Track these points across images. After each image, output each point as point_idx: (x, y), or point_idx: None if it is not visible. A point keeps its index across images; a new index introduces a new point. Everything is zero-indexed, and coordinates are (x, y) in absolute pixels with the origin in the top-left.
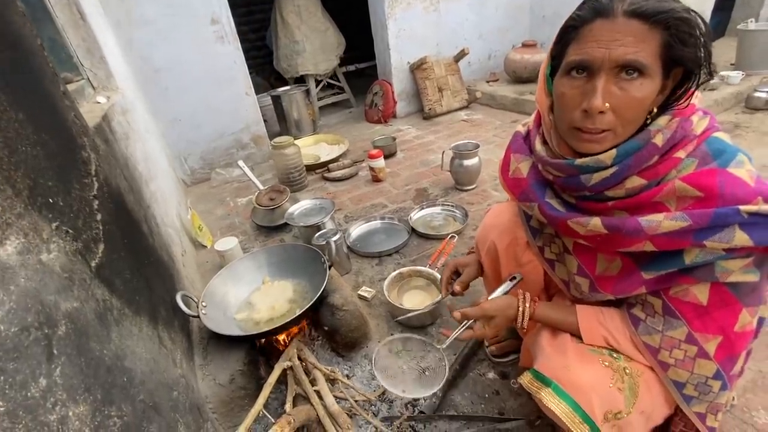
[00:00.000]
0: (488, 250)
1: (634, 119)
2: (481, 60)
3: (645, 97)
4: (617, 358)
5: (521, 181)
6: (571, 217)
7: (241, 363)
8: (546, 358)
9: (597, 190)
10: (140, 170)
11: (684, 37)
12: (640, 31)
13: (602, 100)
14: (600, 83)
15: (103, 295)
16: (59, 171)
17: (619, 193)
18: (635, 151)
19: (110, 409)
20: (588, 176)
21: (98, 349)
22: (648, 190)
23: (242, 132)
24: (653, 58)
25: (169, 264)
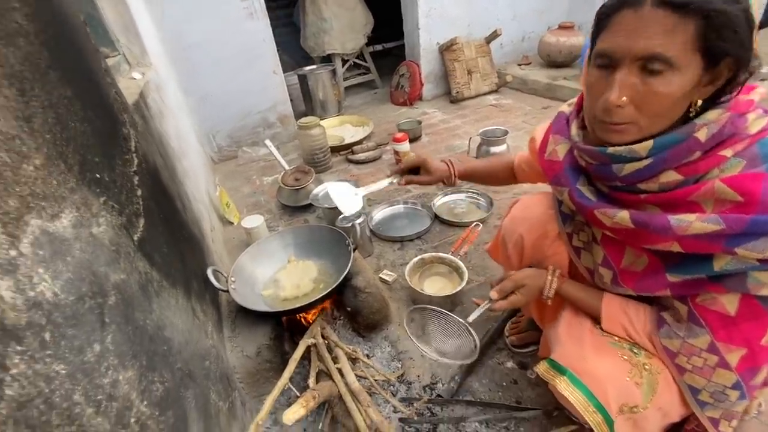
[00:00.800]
0: (515, 243)
1: (659, 113)
2: (513, 42)
3: (671, 92)
4: (637, 353)
5: (555, 164)
6: (599, 207)
7: (268, 337)
8: (562, 347)
9: (629, 182)
10: (173, 147)
11: (720, 28)
12: (668, 22)
13: (618, 94)
14: (618, 76)
15: (144, 268)
16: (104, 147)
17: (652, 187)
18: (674, 144)
19: (153, 375)
20: (620, 166)
21: (142, 318)
22: (684, 187)
23: (269, 111)
24: (684, 50)
25: (200, 239)
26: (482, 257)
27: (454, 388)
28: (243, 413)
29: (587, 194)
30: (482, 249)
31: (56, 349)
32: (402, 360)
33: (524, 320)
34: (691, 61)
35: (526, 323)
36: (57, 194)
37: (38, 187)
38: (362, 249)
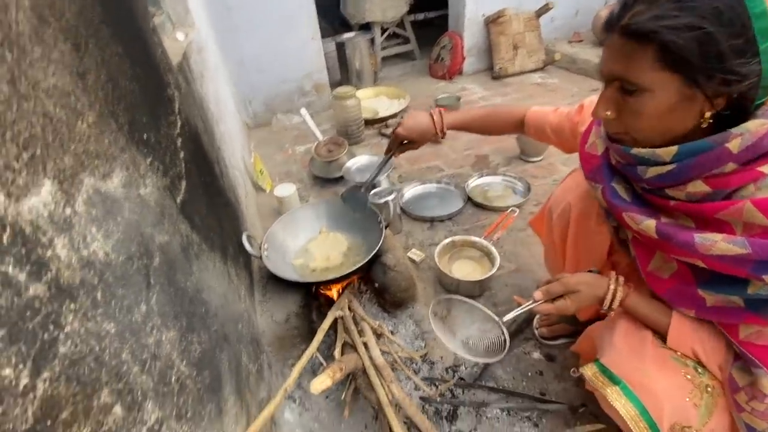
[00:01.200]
0: (562, 212)
1: (648, 128)
2: (566, 17)
3: (647, 110)
4: (702, 373)
5: (593, 159)
6: (628, 210)
7: (297, 305)
8: (618, 355)
9: (655, 185)
10: (212, 110)
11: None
12: (629, 48)
13: (601, 108)
14: (603, 92)
15: (186, 231)
16: (151, 108)
17: (679, 195)
18: (701, 152)
19: (192, 336)
20: (644, 168)
21: (183, 280)
22: (712, 200)
23: (305, 78)
24: (649, 73)
25: (235, 205)
26: (515, 244)
27: (477, 373)
28: (270, 375)
29: (621, 193)
30: (515, 236)
31: (107, 308)
32: (426, 340)
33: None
34: (662, 81)
35: (558, 315)
36: (108, 153)
37: (91, 145)
38: (391, 226)
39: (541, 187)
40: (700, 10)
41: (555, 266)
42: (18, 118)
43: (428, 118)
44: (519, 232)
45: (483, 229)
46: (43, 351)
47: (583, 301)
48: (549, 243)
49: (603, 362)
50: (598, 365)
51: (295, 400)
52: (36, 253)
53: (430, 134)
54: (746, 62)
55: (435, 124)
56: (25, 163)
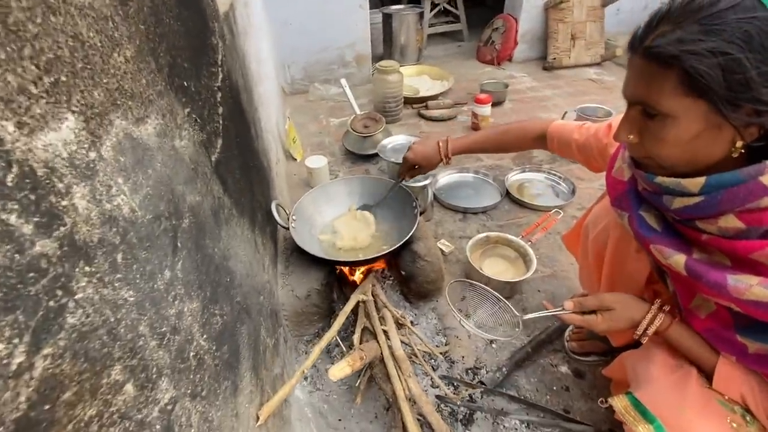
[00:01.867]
0: (600, 233)
1: (672, 156)
2: (633, 9)
3: (669, 136)
4: (750, 423)
5: (619, 185)
6: (656, 242)
7: (319, 283)
8: (655, 390)
9: (684, 217)
10: (253, 70)
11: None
12: (651, 71)
13: (623, 132)
14: (626, 114)
15: (218, 192)
16: (194, 53)
17: (711, 228)
18: (731, 185)
19: (215, 307)
20: (670, 198)
21: (211, 246)
22: (747, 238)
23: (347, 48)
24: (670, 98)
25: (266, 170)
26: (553, 248)
27: (499, 379)
28: (285, 351)
29: (650, 222)
30: (555, 239)
31: (127, 273)
32: (447, 336)
33: None
34: (685, 108)
35: (588, 331)
36: (145, 95)
37: (127, 83)
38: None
39: (585, 191)
40: (728, 33)
41: (590, 288)
42: (42, 33)
43: (435, 145)
44: (559, 236)
45: (518, 228)
46: (47, 321)
47: (616, 321)
48: (584, 263)
49: (637, 396)
50: (630, 398)
51: (306, 378)
52: (48, 202)
53: (437, 160)
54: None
55: (440, 151)
56: (45, 90)
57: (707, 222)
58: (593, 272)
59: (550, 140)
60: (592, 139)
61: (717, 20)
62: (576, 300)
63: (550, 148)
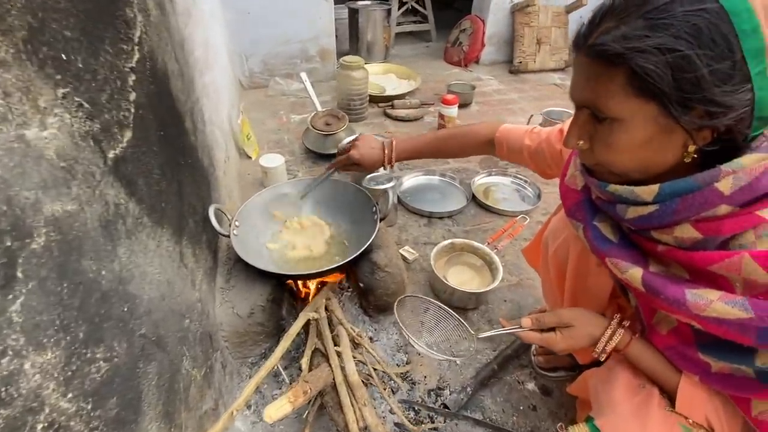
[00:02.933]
0: (559, 248)
1: (623, 161)
2: None
3: (623, 143)
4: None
5: (573, 193)
6: (612, 255)
7: (264, 299)
8: (618, 418)
9: (639, 227)
10: (196, 56)
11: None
12: (596, 71)
13: (572, 138)
14: (574, 119)
15: (116, 198)
16: (87, 21)
17: (667, 239)
18: (685, 192)
19: (95, 349)
20: (623, 207)
21: (93, 269)
22: (704, 249)
23: (310, 42)
24: (617, 100)
25: (208, 169)
26: (519, 255)
27: (463, 400)
28: (222, 378)
29: (605, 233)
30: (521, 246)
31: None
32: (408, 354)
33: None
34: (633, 110)
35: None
36: None
37: None
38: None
39: (551, 196)
40: (675, 28)
41: (554, 303)
42: None
43: (380, 149)
44: (525, 243)
45: (484, 233)
46: None
47: (576, 338)
48: (546, 278)
49: (598, 424)
50: (591, 427)
51: (249, 407)
52: None
53: (379, 164)
54: (733, 90)
55: (385, 156)
56: None
57: (663, 232)
58: (555, 288)
59: (498, 146)
60: (544, 144)
61: (663, 14)
62: (533, 317)
63: (499, 154)
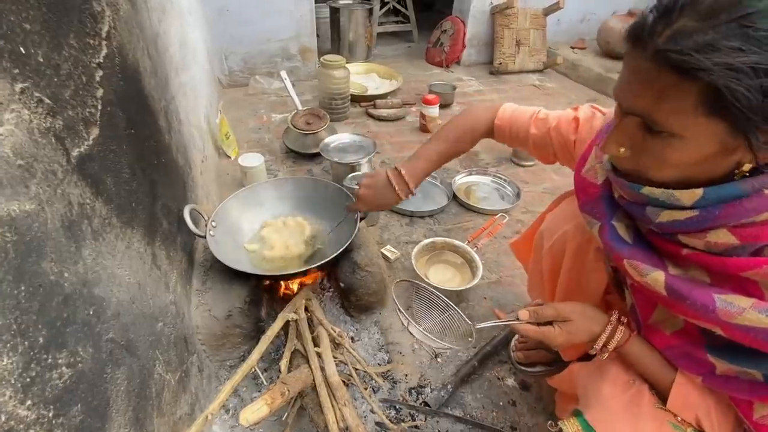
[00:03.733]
0: (557, 242)
1: (671, 179)
2: (572, 20)
3: (677, 160)
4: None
5: (591, 188)
6: (631, 257)
7: (242, 300)
8: (608, 414)
9: (666, 230)
10: (171, 54)
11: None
12: (667, 82)
13: (613, 144)
14: (620, 124)
15: (81, 197)
16: (49, 13)
17: (696, 243)
18: (731, 199)
19: (57, 355)
20: (656, 210)
21: (55, 271)
22: (738, 254)
23: (291, 41)
24: (685, 116)
25: (184, 169)
26: (499, 253)
27: (444, 398)
28: (198, 382)
29: (621, 233)
30: (500, 244)
31: None
32: (390, 353)
33: None
34: (700, 129)
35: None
36: None
37: None
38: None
39: (530, 194)
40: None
41: (541, 298)
42: None
43: (392, 193)
44: (504, 240)
45: (465, 232)
46: None
47: (575, 333)
48: (535, 273)
49: (588, 419)
50: (582, 422)
51: (228, 411)
52: None
53: (392, 204)
54: None
55: (398, 192)
56: None
57: (694, 236)
58: (546, 283)
59: (499, 134)
60: (553, 133)
61: (765, 21)
62: (531, 309)
63: (499, 140)
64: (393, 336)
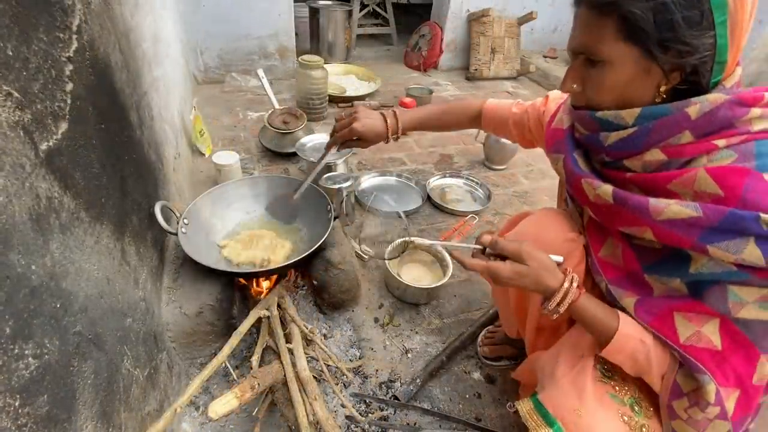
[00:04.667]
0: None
1: (608, 101)
2: (544, 30)
3: (608, 80)
4: (638, 413)
5: (558, 132)
6: (587, 177)
7: (214, 297)
8: (557, 392)
9: (615, 155)
10: (144, 48)
11: (634, 23)
12: (590, 20)
13: (568, 82)
14: (570, 67)
15: (49, 191)
16: (18, 6)
17: (636, 164)
18: (661, 115)
19: (24, 345)
20: (606, 134)
21: (22, 264)
22: (667, 169)
23: (269, 39)
24: (608, 45)
25: (156, 165)
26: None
27: (413, 391)
28: (167, 379)
29: (581, 165)
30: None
31: None
32: (362, 349)
33: (501, 331)
34: (621, 53)
35: (502, 335)
36: None
37: None
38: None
39: (500, 197)
40: None
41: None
42: None
43: (381, 119)
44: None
45: (439, 232)
46: None
47: (524, 277)
48: (499, 289)
49: (540, 398)
50: (534, 401)
51: (198, 408)
52: None
53: (383, 137)
54: (699, 34)
55: (389, 127)
56: None
57: (634, 159)
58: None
59: (484, 119)
60: (530, 109)
61: None
62: (493, 238)
63: (484, 125)
64: (365, 332)
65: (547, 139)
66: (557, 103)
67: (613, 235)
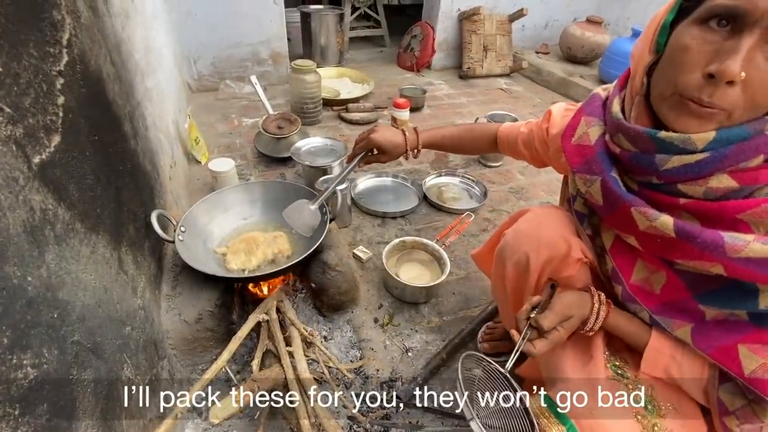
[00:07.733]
0: (517, 263)
1: (764, 105)
2: (536, 26)
3: None
4: (651, 411)
5: (586, 149)
6: (638, 205)
7: (213, 303)
8: (570, 390)
9: (669, 179)
10: (137, 59)
11: None
12: None
13: (741, 66)
14: (746, 43)
15: (44, 203)
16: (7, 23)
17: (696, 191)
18: (739, 139)
19: (22, 356)
20: (665, 157)
21: (18, 275)
22: (736, 198)
23: (262, 45)
24: None
25: (151, 175)
26: (466, 250)
27: (414, 390)
28: (170, 386)
29: (623, 188)
30: (468, 241)
31: None
32: (362, 349)
33: (501, 327)
34: None
35: (502, 331)
36: None
37: None
38: (340, 219)
39: (496, 194)
40: None
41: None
42: None
43: (400, 132)
44: (471, 238)
45: (436, 231)
46: None
47: (574, 326)
48: (498, 285)
49: (552, 396)
50: (546, 399)
51: (201, 414)
52: None
53: (402, 151)
54: None
55: (407, 143)
56: None
57: (694, 184)
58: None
59: (500, 142)
60: (534, 127)
61: None
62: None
63: (501, 149)
64: (365, 333)
65: (570, 156)
66: (562, 116)
67: (647, 260)
